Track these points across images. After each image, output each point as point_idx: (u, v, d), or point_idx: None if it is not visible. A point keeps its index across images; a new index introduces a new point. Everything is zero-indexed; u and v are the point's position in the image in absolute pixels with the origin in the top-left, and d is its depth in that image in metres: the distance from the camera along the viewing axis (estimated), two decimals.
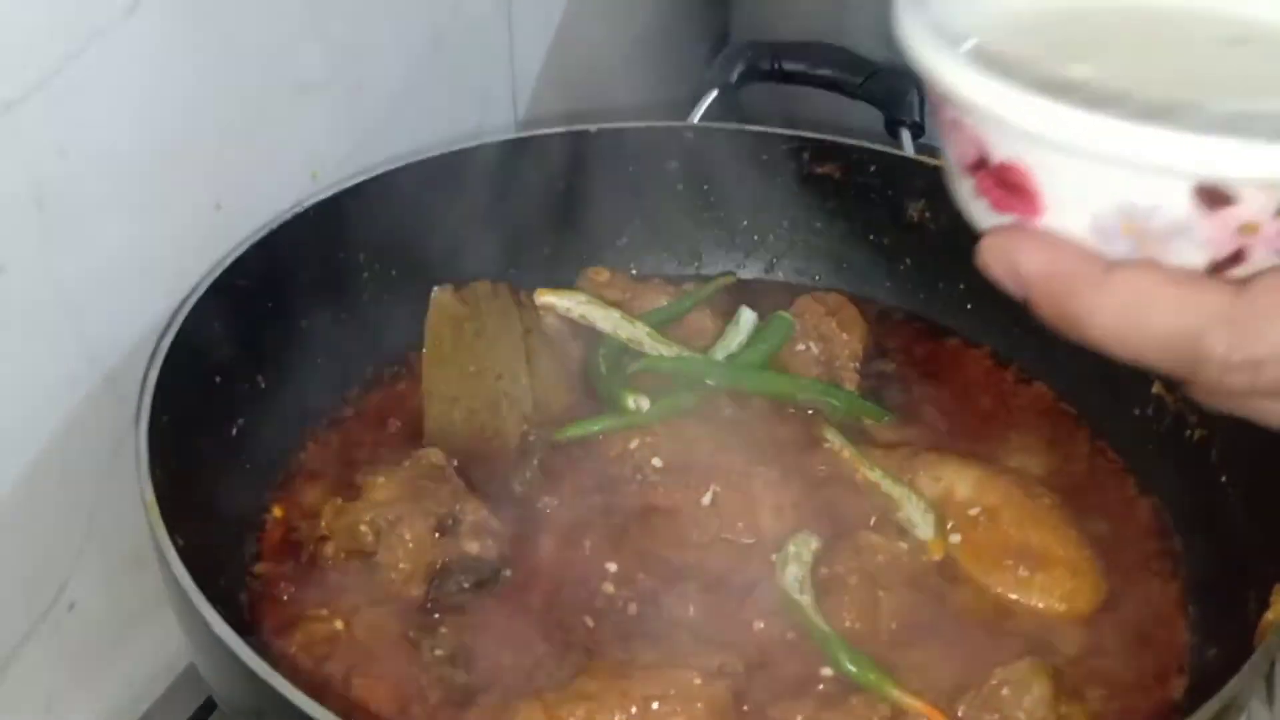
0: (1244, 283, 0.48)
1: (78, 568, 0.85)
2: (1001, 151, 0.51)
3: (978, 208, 0.54)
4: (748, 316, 1.08)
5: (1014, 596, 0.87)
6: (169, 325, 0.84)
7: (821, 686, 0.79)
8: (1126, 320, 0.49)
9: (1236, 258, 0.49)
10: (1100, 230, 0.50)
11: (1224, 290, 0.48)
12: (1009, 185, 0.51)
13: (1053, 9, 0.59)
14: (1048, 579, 0.87)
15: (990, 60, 0.52)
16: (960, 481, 0.92)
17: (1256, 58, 0.57)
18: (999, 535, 0.89)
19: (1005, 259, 0.52)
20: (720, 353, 1.05)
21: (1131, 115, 0.47)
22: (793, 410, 1.01)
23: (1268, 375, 0.48)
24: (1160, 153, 0.46)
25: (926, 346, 1.12)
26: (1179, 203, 0.47)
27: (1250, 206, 0.47)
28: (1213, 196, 0.47)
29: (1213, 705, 0.67)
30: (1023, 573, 0.87)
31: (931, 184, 1.10)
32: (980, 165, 0.52)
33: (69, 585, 0.85)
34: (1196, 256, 0.49)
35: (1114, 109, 0.47)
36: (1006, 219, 0.52)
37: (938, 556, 0.88)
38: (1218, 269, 0.49)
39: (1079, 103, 0.48)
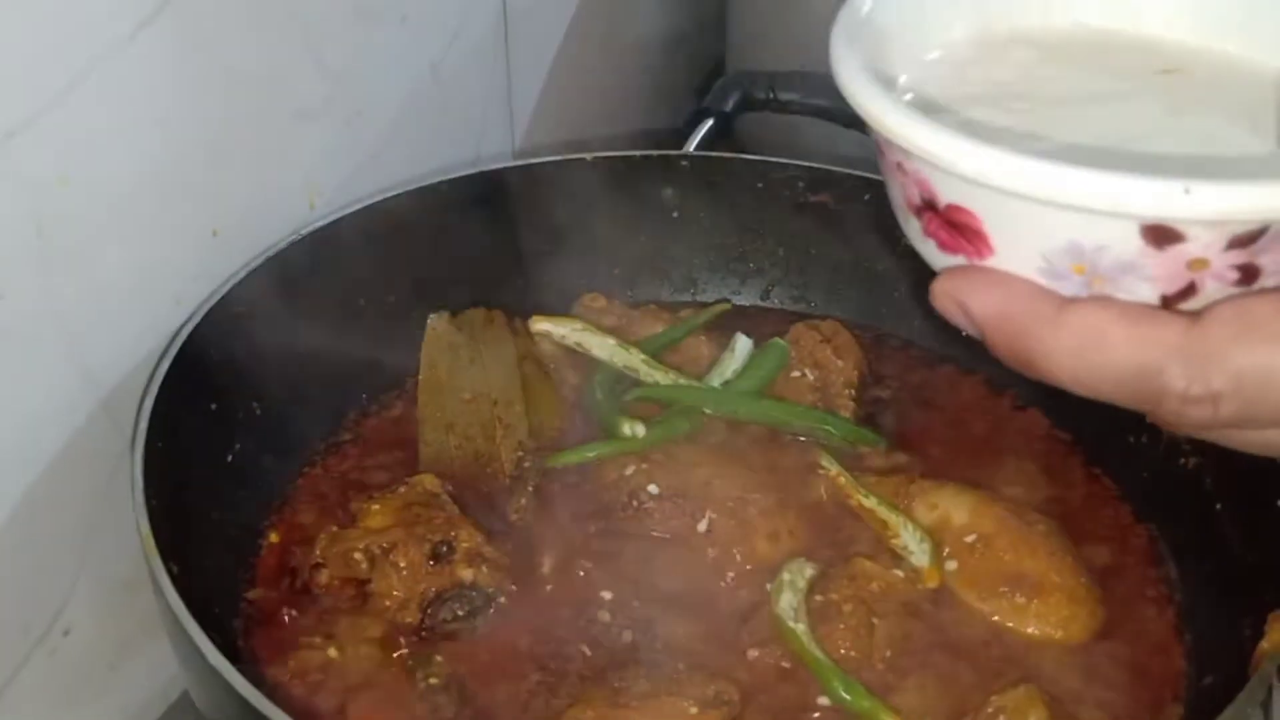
0: (1197, 315, 0.48)
1: (73, 593, 0.85)
2: (947, 195, 0.51)
3: (927, 248, 0.54)
4: (743, 343, 1.08)
5: (1010, 624, 0.87)
6: (165, 352, 0.85)
7: (817, 715, 0.80)
8: (1083, 358, 0.49)
9: (1188, 291, 0.49)
10: (1051, 270, 0.50)
11: (1178, 324, 0.48)
12: (957, 226, 0.51)
13: (982, 39, 0.60)
14: (1044, 606, 0.87)
15: (925, 101, 0.52)
16: (956, 508, 0.92)
17: (1190, 88, 0.57)
18: (995, 562, 0.89)
19: (956, 300, 0.52)
20: (716, 379, 1.05)
21: (1075, 158, 0.46)
22: (789, 437, 1.01)
23: (1227, 408, 0.48)
24: (1106, 196, 0.46)
25: (921, 373, 1.13)
26: (1128, 242, 0.47)
27: (1198, 243, 0.47)
28: (1160, 235, 0.47)
29: None
30: (1019, 599, 0.87)
31: None
32: (927, 207, 0.52)
33: (65, 611, 0.85)
34: (1148, 292, 0.49)
35: (1056, 152, 0.48)
36: (957, 259, 0.52)
37: (933, 584, 0.88)
38: (1170, 303, 0.49)
39: (1019, 145, 0.48)
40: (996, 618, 0.87)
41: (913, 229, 0.54)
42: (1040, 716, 0.76)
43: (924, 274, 1.12)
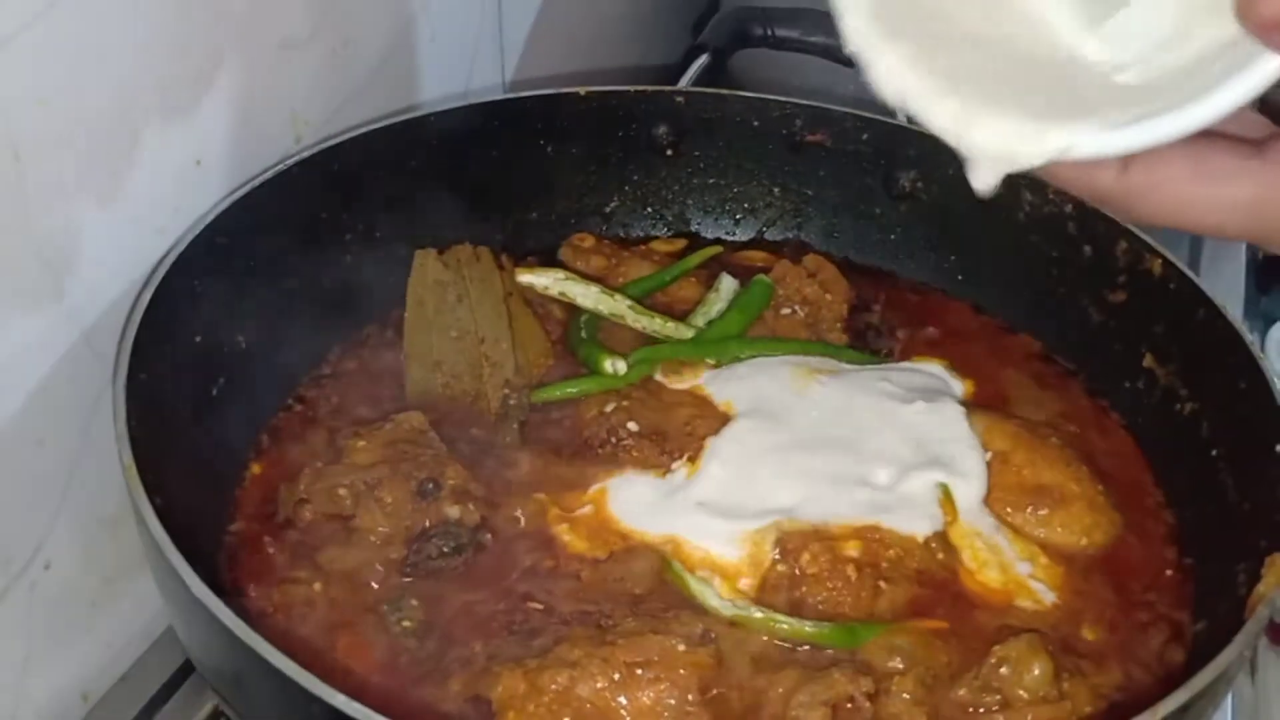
0: None
1: (54, 528, 0.85)
2: None
3: None
4: (728, 283, 1.09)
5: (1041, 533, 0.89)
6: (147, 282, 0.84)
7: (803, 656, 0.80)
8: None
9: None
10: None
11: None
12: None
13: None
14: (1067, 515, 0.89)
15: None
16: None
17: None
18: (1014, 477, 0.92)
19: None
20: (701, 319, 1.06)
21: None
22: None
23: None
24: None
25: (909, 298, 1.14)
26: None
27: None
28: None
29: (1205, 676, 0.68)
30: (1042, 512, 0.90)
31: (924, 154, 1.11)
32: None
33: (45, 545, 0.85)
34: None
35: None
36: None
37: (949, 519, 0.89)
38: None
39: None
40: (1029, 530, 0.89)
41: None
42: (1044, 665, 0.76)
43: (921, 215, 1.14)
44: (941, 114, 0.58)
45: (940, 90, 0.58)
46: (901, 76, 0.58)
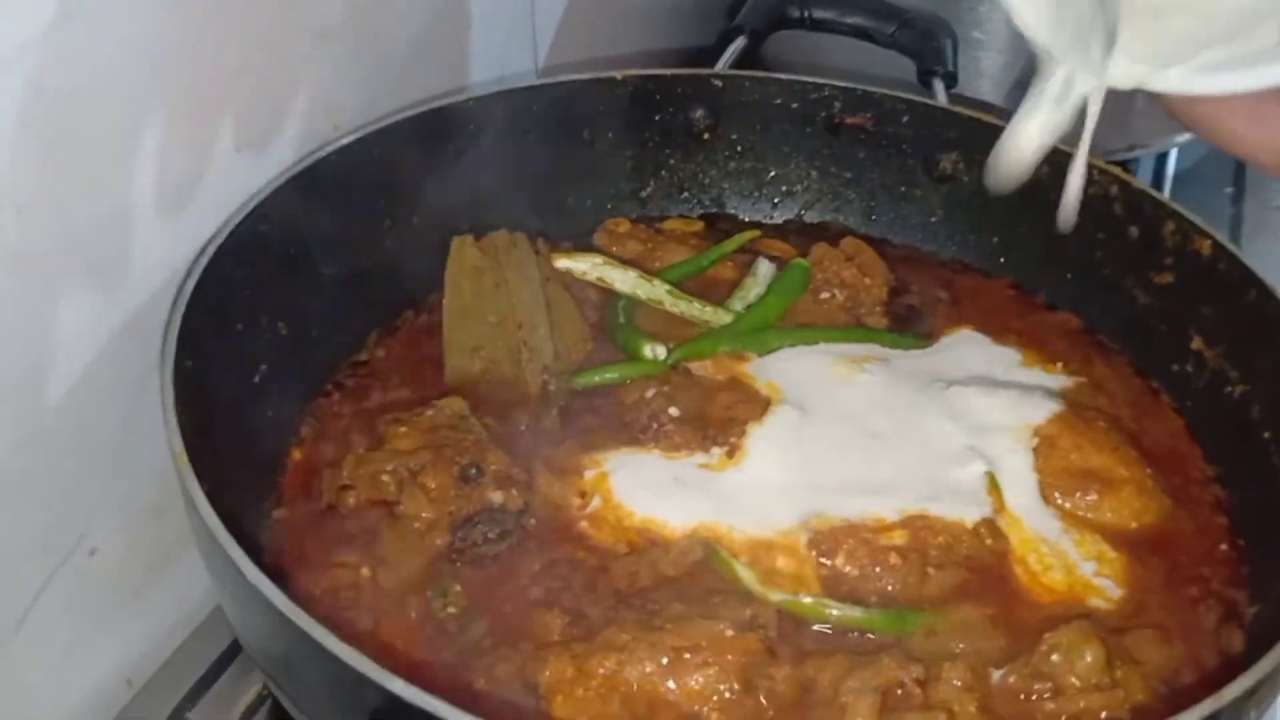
0: None
1: (98, 515, 0.87)
2: None
3: None
4: (765, 267, 1.10)
5: (1090, 518, 0.89)
6: (191, 270, 0.85)
7: (852, 642, 0.81)
8: None
9: None
10: None
11: None
12: None
13: None
14: (1116, 500, 0.90)
15: None
16: None
17: None
18: (1061, 462, 0.92)
19: None
20: (738, 303, 1.06)
21: None
22: None
23: None
24: None
25: (949, 279, 1.14)
26: None
27: None
28: None
29: (1273, 659, 0.68)
30: (1091, 496, 0.90)
31: (965, 135, 1.11)
32: None
33: (90, 532, 0.86)
34: None
35: None
36: None
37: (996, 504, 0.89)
38: None
39: None
40: (1078, 513, 0.89)
41: None
42: (1097, 653, 0.76)
43: (962, 196, 1.14)
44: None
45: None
46: None
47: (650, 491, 0.89)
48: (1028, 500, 0.90)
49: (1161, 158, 1.51)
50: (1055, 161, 1.00)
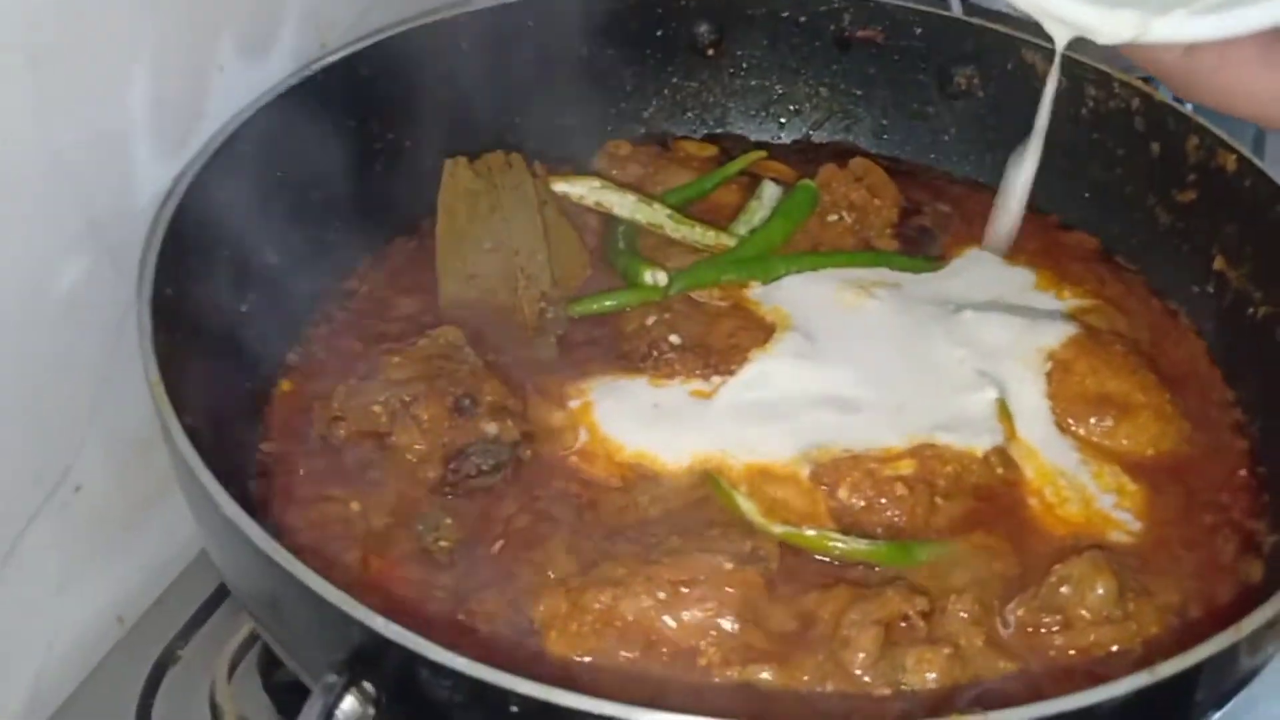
0: None
1: (83, 449, 0.85)
2: None
3: None
4: (770, 190, 1.07)
5: (1105, 443, 0.87)
6: (171, 193, 0.82)
7: (855, 574, 0.79)
8: None
9: None
10: None
11: None
12: None
13: None
14: (1133, 426, 0.87)
15: None
16: None
17: None
18: (1076, 387, 0.89)
19: None
20: (742, 227, 1.04)
21: None
22: None
23: None
24: None
25: (960, 196, 1.10)
26: None
27: None
28: None
29: None
30: (1106, 422, 0.87)
31: (981, 48, 1.08)
32: None
33: (75, 466, 0.85)
34: None
35: None
36: None
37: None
38: None
39: None
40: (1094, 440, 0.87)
41: None
42: (1107, 585, 0.74)
43: (977, 113, 1.10)
44: None
45: None
46: None
47: (638, 423, 0.87)
48: (1041, 427, 0.88)
49: None
50: (1073, 74, 0.98)
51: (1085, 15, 0.63)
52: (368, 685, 0.61)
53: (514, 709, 0.58)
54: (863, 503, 0.82)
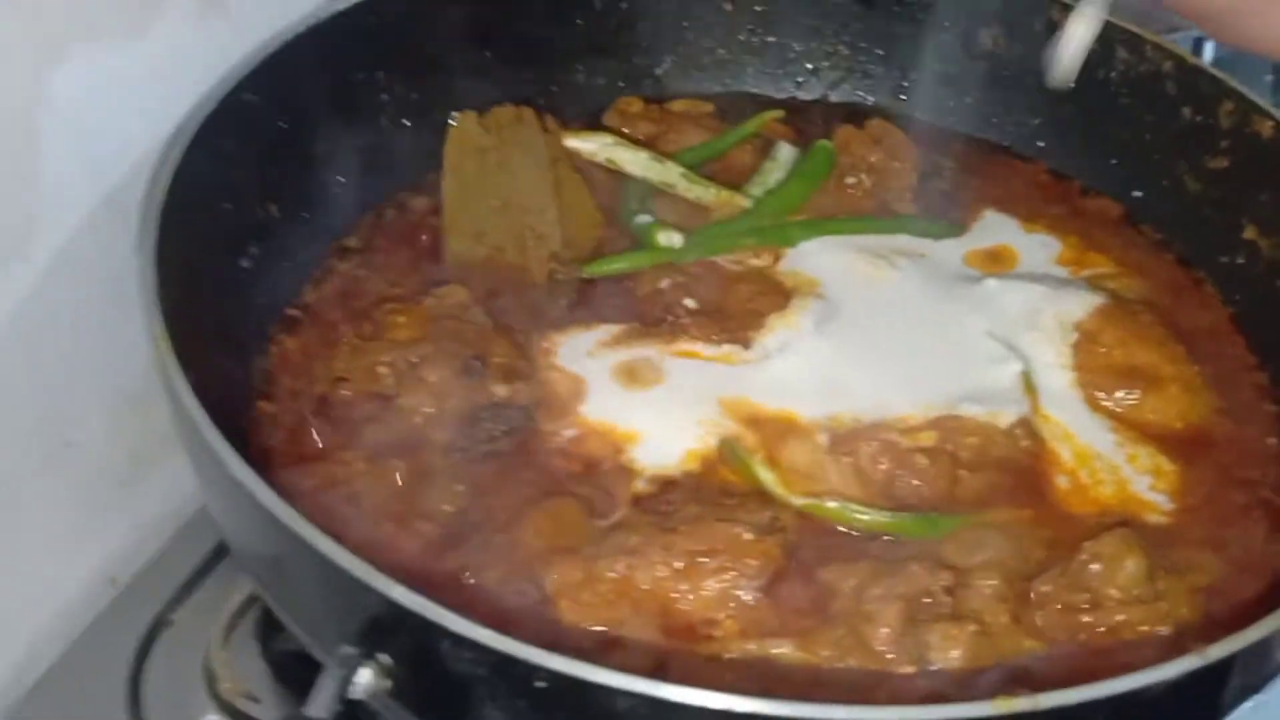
0: None
1: (78, 403, 0.84)
2: None
3: None
4: (786, 151, 1.06)
5: (1130, 416, 0.86)
6: (173, 143, 0.81)
7: (878, 548, 0.78)
8: None
9: None
10: None
11: None
12: None
13: None
14: (1160, 399, 0.87)
15: None
16: None
17: None
18: (1102, 359, 0.88)
19: None
20: (757, 189, 1.03)
21: None
22: None
23: None
24: None
25: (982, 162, 1.09)
26: None
27: None
28: None
29: None
30: (1133, 395, 0.86)
31: (1008, 6, 1.06)
32: None
33: (69, 421, 0.84)
34: None
35: None
36: None
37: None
38: None
39: None
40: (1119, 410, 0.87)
41: None
42: (1137, 564, 0.73)
43: (1001, 75, 1.09)
44: None
45: None
46: None
47: (651, 388, 0.87)
48: (1070, 403, 0.87)
49: (1199, 42, 1.46)
50: (1104, 36, 0.97)
51: None
52: (384, 657, 0.60)
53: (540, 684, 0.57)
54: (883, 474, 0.81)
